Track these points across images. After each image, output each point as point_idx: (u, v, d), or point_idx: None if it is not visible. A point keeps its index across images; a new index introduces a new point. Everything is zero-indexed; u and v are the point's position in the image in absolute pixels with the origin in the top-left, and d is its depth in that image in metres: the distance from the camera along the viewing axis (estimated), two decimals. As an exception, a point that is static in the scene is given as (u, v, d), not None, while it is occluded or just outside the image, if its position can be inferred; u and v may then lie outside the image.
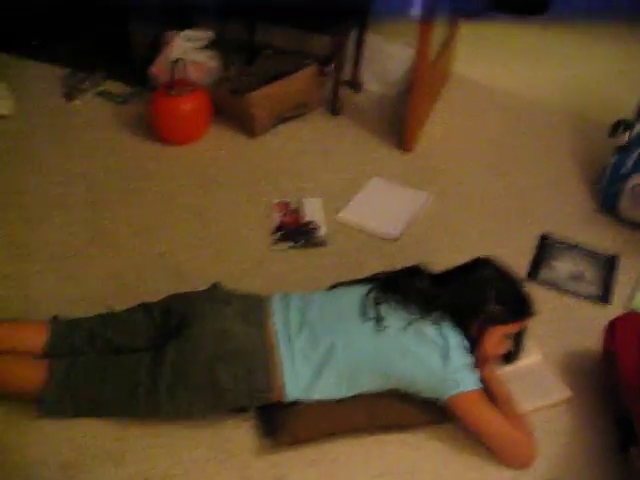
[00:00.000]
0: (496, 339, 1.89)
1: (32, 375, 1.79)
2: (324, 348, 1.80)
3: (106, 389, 1.78)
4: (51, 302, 2.14)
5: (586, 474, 1.82)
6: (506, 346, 1.95)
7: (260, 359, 1.77)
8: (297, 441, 1.80)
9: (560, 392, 1.99)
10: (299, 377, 1.78)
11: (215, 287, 1.96)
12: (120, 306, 2.01)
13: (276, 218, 2.53)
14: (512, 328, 1.92)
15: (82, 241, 2.40)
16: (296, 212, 2.56)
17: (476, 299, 1.86)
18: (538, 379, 2.01)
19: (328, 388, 1.80)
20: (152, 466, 1.75)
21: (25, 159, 2.78)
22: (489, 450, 1.81)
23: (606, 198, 2.66)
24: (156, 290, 2.17)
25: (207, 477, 1.74)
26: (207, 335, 1.77)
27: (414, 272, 1.98)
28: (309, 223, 2.51)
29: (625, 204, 2.58)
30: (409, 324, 1.81)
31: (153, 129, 2.89)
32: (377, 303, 1.85)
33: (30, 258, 2.32)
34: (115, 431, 1.81)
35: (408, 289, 1.90)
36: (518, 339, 1.99)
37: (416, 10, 3.44)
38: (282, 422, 1.80)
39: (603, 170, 2.71)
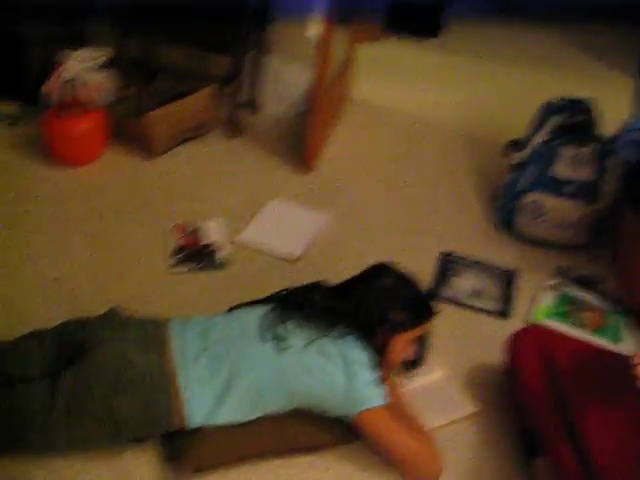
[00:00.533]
0: (401, 346, 1.88)
1: None
2: (225, 372, 1.75)
3: None
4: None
5: (493, 487, 1.83)
6: (410, 351, 1.95)
7: (159, 387, 1.70)
8: (202, 468, 1.73)
9: (465, 408, 2.00)
10: (201, 403, 1.72)
11: (112, 312, 1.88)
12: (11, 335, 1.89)
13: (174, 241, 2.47)
14: (416, 332, 1.92)
15: (-33, 268, 2.27)
16: (194, 234, 2.50)
17: (379, 308, 1.85)
18: (443, 395, 2.02)
19: (232, 412, 1.75)
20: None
21: None
22: (396, 467, 1.80)
23: (503, 215, 2.73)
24: (50, 317, 2.07)
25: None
26: (105, 363, 1.69)
27: (314, 288, 1.96)
28: (208, 245, 2.46)
29: (521, 221, 2.65)
30: (311, 342, 1.78)
31: (46, 151, 2.78)
32: (277, 323, 1.82)
33: None
34: (8, 469, 1.70)
35: (309, 305, 1.87)
36: (422, 343, 1.99)
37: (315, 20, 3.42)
38: (186, 448, 1.73)
39: (499, 188, 2.78)
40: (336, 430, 1.82)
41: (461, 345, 2.21)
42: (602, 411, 1.73)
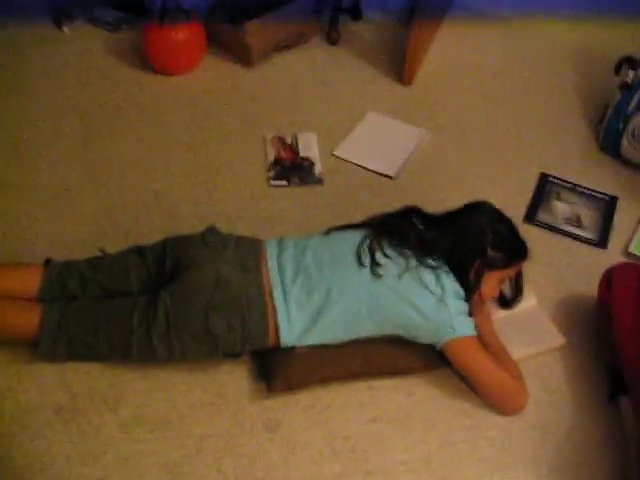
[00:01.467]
0: (493, 283, 1.90)
1: (26, 320, 1.78)
2: (319, 295, 1.79)
3: (100, 333, 1.77)
4: (42, 242, 2.12)
5: (575, 421, 1.84)
6: (501, 289, 1.96)
7: (255, 307, 1.76)
8: (291, 387, 1.81)
9: (554, 339, 1.99)
10: (294, 324, 1.78)
11: (211, 231, 1.92)
12: (113, 246, 1.99)
13: (271, 153, 2.48)
14: (508, 272, 1.93)
15: (73, 178, 2.35)
16: (291, 147, 2.51)
17: (475, 244, 1.85)
18: (532, 325, 2.01)
19: (324, 334, 1.80)
20: (147, 411, 1.77)
21: (13, 91, 2.69)
22: (480, 396, 1.84)
23: (609, 137, 2.60)
24: (150, 230, 2.18)
25: (201, 421, 1.76)
26: (202, 282, 1.76)
27: (409, 215, 1.96)
28: (307, 158, 2.46)
29: (628, 145, 2.53)
30: (406, 271, 1.80)
31: (146, 58, 2.80)
32: (373, 249, 1.84)
33: (19, 197, 2.28)
34: (110, 376, 1.82)
35: (404, 233, 1.88)
36: (517, 284, 1.99)
37: None
38: (277, 368, 1.80)
39: (606, 108, 2.65)
40: (423, 356, 1.86)
41: (554, 274, 2.19)
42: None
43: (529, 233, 2.15)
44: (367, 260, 1.81)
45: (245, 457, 1.71)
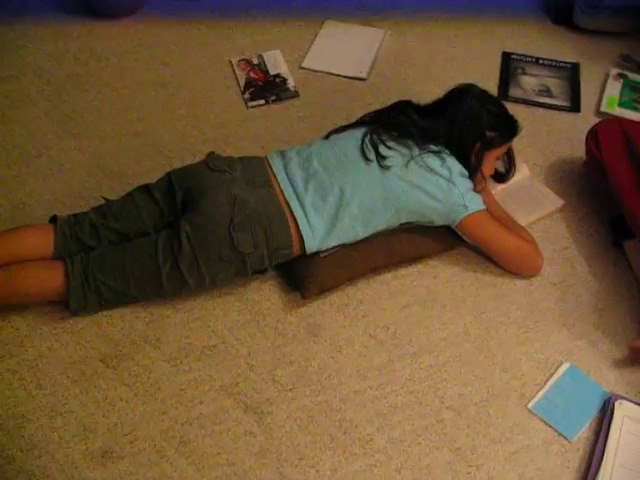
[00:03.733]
0: (491, 162, 1.98)
1: (50, 278, 1.78)
2: (333, 197, 1.84)
3: (128, 276, 1.78)
4: (39, 204, 2.10)
5: (588, 271, 1.97)
6: (497, 165, 2.07)
7: (275, 218, 1.80)
8: (323, 290, 1.87)
9: (553, 202, 2.10)
10: (315, 229, 1.83)
11: (213, 156, 1.93)
12: (112, 193, 1.99)
13: (241, 76, 2.47)
14: (503, 149, 2.01)
15: (51, 136, 2.30)
16: (260, 67, 2.50)
17: (473, 128, 1.91)
18: (530, 193, 2.11)
19: (344, 233, 1.86)
20: (190, 341, 1.81)
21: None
22: (501, 265, 1.94)
23: (559, 9, 2.68)
24: (144, 170, 2.18)
25: (245, 340, 1.82)
26: (220, 205, 1.78)
27: (402, 107, 2.00)
28: (276, 76, 2.47)
29: (579, 12, 2.61)
30: (412, 159, 1.85)
31: (91, 5, 2.70)
32: (376, 144, 1.88)
33: (1, 163, 2.22)
34: (145, 316, 1.86)
35: (403, 124, 1.93)
36: (510, 158, 2.08)
37: None
38: (306, 274, 1.86)
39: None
40: (440, 238, 1.95)
41: (537, 143, 2.28)
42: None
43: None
44: (372, 155, 1.86)
45: (295, 364, 1.78)
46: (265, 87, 2.43)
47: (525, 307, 1.89)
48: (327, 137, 2.00)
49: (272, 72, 2.48)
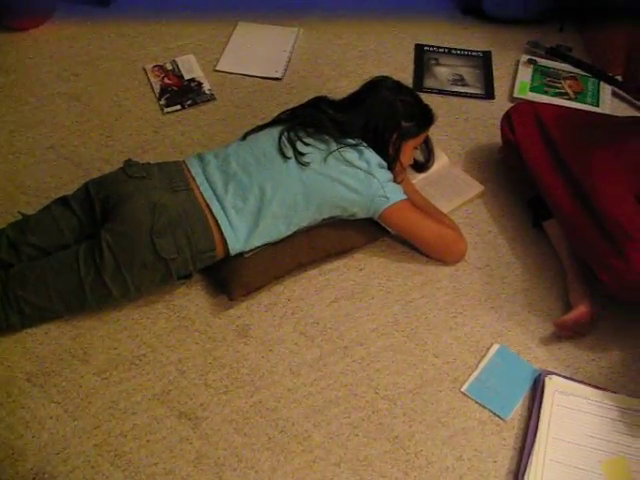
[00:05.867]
0: (409, 152, 2.00)
1: None
2: (254, 197, 1.83)
3: (50, 292, 1.74)
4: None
5: (512, 254, 2.01)
6: (415, 155, 2.08)
7: (197, 222, 1.78)
8: (250, 290, 1.86)
9: (473, 188, 2.14)
10: (237, 230, 1.81)
11: (130, 163, 1.90)
12: (30, 209, 1.94)
13: (156, 83, 2.44)
14: (420, 139, 2.03)
15: (-40, 154, 2.23)
16: (174, 72, 2.48)
17: (389, 120, 1.92)
18: (450, 181, 2.14)
19: (267, 233, 1.85)
20: (118, 352, 1.77)
21: None
22: (425, 252, 1.96)
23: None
24: (61, 183, 2.13)
25: (174, 347, 1.79)
26: (139, 212, 1.75)
27: (317, 103, 2.01)
28: (192, 80, 2.45)
29: (488, 2, 2.67)
30: (330, 153, 1.86)
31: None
32: (293, 141, 1.88)
33: None
34: (70, 330, 1.81)
35: (319, 120, 1.93)
36: (428, 147, 2.10)
37: None
38: (232, 276, 1.85)
39: (459, -29, 2.76)
40: (362, 231, 1.96)
41: (454, 132, 2.32)
42: (602, 164, 1.86)
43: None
44: (290, 152, 1.86)
45: (227, 366, 1.76)
46: (180, 92, 2.41)
47: (452, 292, 1.92)
48: (244, 138, 1.98)
49: (187, 77, 2.45)
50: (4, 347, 1.77)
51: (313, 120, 1.93)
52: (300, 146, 1.87)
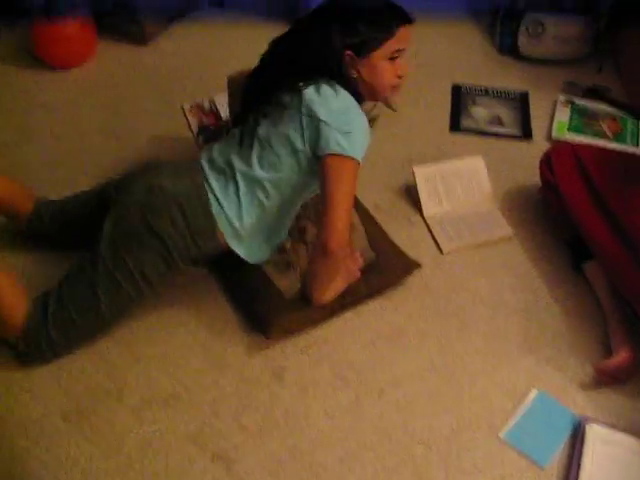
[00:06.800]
0: (381, 67, 1.77)
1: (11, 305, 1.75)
2: (241, 182, 1.78)
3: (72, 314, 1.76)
4: None
5: (550, 296, 1.99)
6: (397, 70, 1.81)
7: (194, 198, 1.77)
8: (288, 332, 1.85)
9: (502, 229, 2.13)
10: (229, 215, 1.78)
11: (147, 163, 1.95)
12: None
13: (194, 122, 2.47)
14: (390, 46, 1.75)
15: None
16: (212, 111, 2.50)
17: (324, 32, 1.72)
18: (482, 215, 2.15)
19: (253, 209, 1.79)
20: (153, 391, 1.77)
21: None
22: (321, 215, 1.72)
23: (504, 39, 2.74)
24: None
25: (209, 387, 1.78)
26: (134, 193, 1.77)
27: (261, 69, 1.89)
28: (229, 120, 2.47)
29: (524, 41, 2.67)
30: (300, 112, 1.72)
31: (39, 57, 2.68)
32: (258, 120, 1.81)
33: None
34: (105, 367, 1.80)
35: (270, 82, 1.83)
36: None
37: None
38: (272, 317, 1.83)
39: (495, 12, 2.77)
40: (391, 267, 1.97)
41: (492, 172, 2.29)
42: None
43: (459, 141, 2.27)
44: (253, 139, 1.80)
45: (262, 408, 1.74)
46: (217, 132, 2.41)
47: (489, 335, 1.89)
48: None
49: (224, 116, 2.47)
50: (40, 383, 1.77)
51: (265, 89, 1.84)
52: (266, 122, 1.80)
